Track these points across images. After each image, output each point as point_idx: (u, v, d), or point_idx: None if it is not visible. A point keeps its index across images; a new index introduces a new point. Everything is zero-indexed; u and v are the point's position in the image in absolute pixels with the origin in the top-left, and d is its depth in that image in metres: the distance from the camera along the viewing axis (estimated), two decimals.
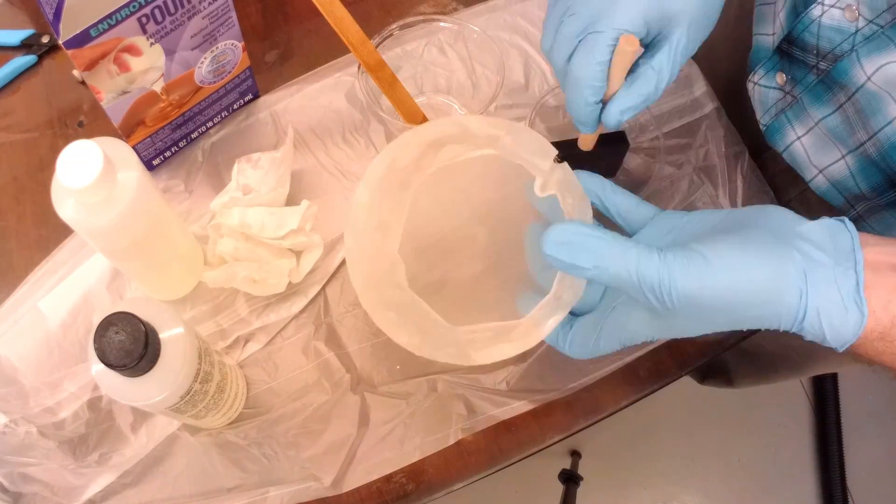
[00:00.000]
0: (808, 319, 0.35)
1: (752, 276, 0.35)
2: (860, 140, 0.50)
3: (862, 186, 0.53)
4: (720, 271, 0.35)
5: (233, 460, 0.54)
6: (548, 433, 0.56)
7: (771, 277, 0.35)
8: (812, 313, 0.35)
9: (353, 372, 0.56)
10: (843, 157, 0.53)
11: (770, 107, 0.58)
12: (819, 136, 0.54)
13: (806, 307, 0.34)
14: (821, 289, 0.35)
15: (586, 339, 0.42)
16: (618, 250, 0.36)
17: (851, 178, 0.53)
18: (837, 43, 0.50)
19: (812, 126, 0.54)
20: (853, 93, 0.49)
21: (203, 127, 0.62)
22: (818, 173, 0.56)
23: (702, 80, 0.67)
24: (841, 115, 0.51)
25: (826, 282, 0.35)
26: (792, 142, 0.57)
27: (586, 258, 0.36)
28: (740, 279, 0.35)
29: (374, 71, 0.57)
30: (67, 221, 0.44)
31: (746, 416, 1.39)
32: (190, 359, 0.43)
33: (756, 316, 0.35)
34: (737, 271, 0.35)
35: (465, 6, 0.69)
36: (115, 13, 0.46)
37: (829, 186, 0.55)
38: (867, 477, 1.36)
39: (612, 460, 1.35)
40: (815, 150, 0.55)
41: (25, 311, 0.57)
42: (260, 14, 0.69)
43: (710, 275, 0.35)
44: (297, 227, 0.55)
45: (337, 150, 0.63)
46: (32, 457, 0.53)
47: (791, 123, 0.56)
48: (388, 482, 0.54)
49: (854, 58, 0.48)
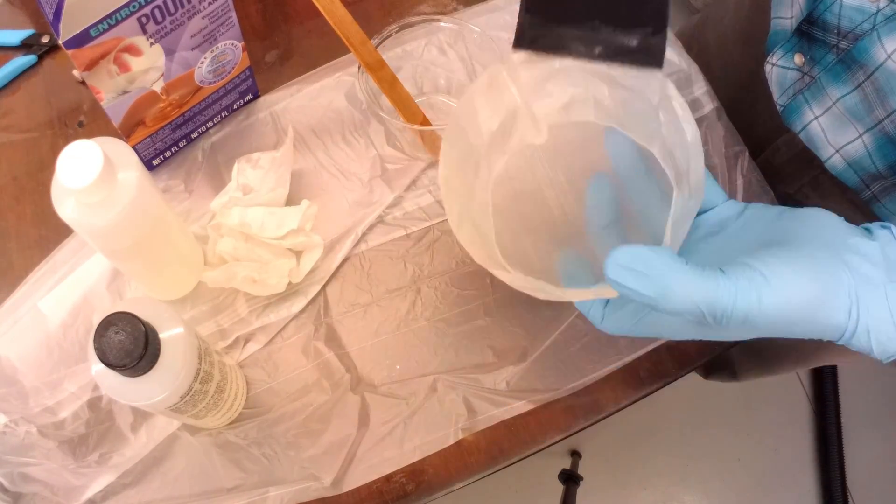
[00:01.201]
0: (857, 337, 0.35)
1: (806, 295, 0.34)
2: (878, 118, 0.51)
3: (879, 165, 0.53)
4: (778, 291, 0.34)
5: (233, 460, 0.54)
6: (548, 433, 0.56)
7: (822, 297, 0.34)
8: (861, 331, 0.35)
9: (353, 372, 0.56)
10: (861, 136, 0.53)
11: (788, 87, 0.59)
12: (836, 116, 0.54)
13: (856, 326, 0.34)
14: (871, 308, 0.35)
15: (621, 322, 0.41)
16: (684, 281, 0.34)
17: (868, 156, 0.53)
18: (858, 22, 0.50)
19: (830, 105, 0.55)
20: (872, 71, 0.50)
21: (203, 127, 0.62)
22: (835, 153, 0.56)
23: (702, 80, 0.67)
24: (860, 94, 0.52)
25: (877, 300, 0.35)
26: (809, 122, 0.57)
27: (651, 287, 0.34)
28: (795, 300, 0.34)
29: (375, 71, 0.57)
30: (67, 221, 0.44)
31: (746, 416, 1.39)
32: (190, 359, 0.43)
33: (802, 332, 0.35)
34: (792, 292, 0.34)
35: (465, 6, 0.69)
36: (115, 13, 0.46)
37: (846, 166, 0.56)
38: (867, 477, 1.36)
39: (612, 460, 1.35)
40: (832, 129, 0.55)
41: (25, 311, 0.57)
42: (260, 14, 0.69)
43: (769, 295, 0.34)
44: (297, 226, 0.56)
45: (337, 150, 0.63)
46: (32, 457, 0.53)
47: (808, 103, 0.57)
48: (388, 482, 0.54)
49: (875, 37, 0.49)
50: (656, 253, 0.35)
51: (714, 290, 0.34)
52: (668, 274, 0.34)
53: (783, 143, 0.66)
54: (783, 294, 0.34)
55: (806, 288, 0.34)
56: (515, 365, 0.57)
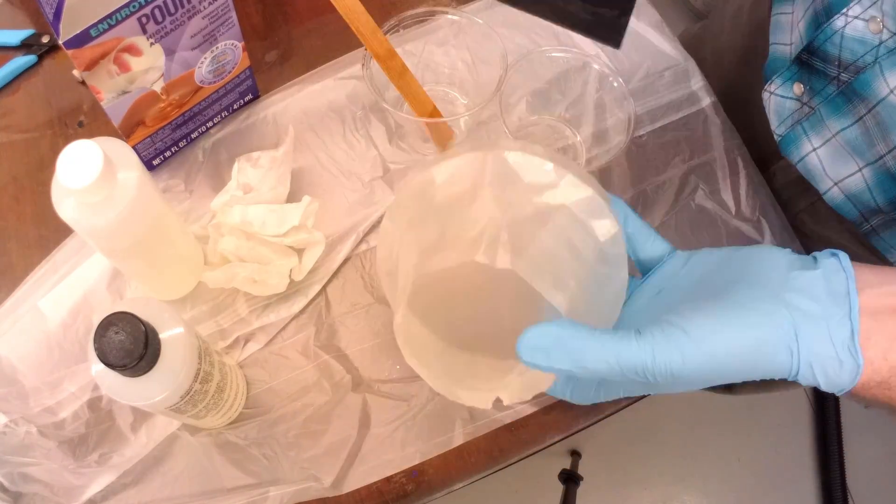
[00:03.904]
0: (802, 373, 0.34)
1: (736, 344, 0.34)
2: (879, 153, 0.50)
3: (879, 200, 0.52)
4: (702, 345, 0.34)
5: (233, 460, 0.54)
6: (548, 433, 0.56)
7: (756, 343, 0.34)
8: (805, 368, 0.34)
9: (354, 373, 0.56)
10: (860, 170, 0.52)
11: (786, 117, 0.58)
12: (836, 148, 0.53)
13: (799, 364, 0.34)
14: (813, 345, 0.34)
15: (584, 394, 0.45)
16: (595, 346, 0.35)
17: (868, 191, 0.52)
18: (860, 55, 0.49)
19: (829, 138, 0.53)
20: (874, 105, 0.48)
21: (203, 127, 0.62)
22: (833, 185, 0.55)
23: (699, 75, 0.67)
24: (860, 128, 0.50)
25: (818, 336, 0.34)
26: (807, 153, 0.56)
27: (564, 360, 0.35)
28: (722, 350, 0.34)
29: (384, 60, 0.56)
30: (67, 221, 0.44)
31: (746, 416, 1.39)
32: (190, 359, 0.43)
33: (750, 375, 0.35)
34: (718, 344, 0.34)
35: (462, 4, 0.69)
36: (115, 13, 0.46)
37: (845, 199, 0.55)
38: (867, 477, 1.36)
39: (612, 460, 1.35)
40: (831, 161, 0.54)
41: (25, 311, 0.57)
42: (260, 14, 0.69)
43: (691, 349, 0.34)
44: (299, 223, 0.55)
45: (337, 149, 0.63)
46: (32, 457, 0.53)
47: (807, 134, 0.55)
48: (388, 482, 0.54)
49: (877, 70, 0.47)
50: (561, 326, 0.35)
51: (627, 350, 0.34)
52: (580, 345, 0.35)
53: (779, 169, 0.65)
54: (708, 347, 0.34)
55: (734, 337, 0.34)
56: None
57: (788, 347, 0.34)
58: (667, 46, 0.68)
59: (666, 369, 0.34)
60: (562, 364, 0.35)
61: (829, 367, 0.34)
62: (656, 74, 0.67)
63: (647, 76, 0.67)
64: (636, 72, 0.67)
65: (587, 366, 0.35)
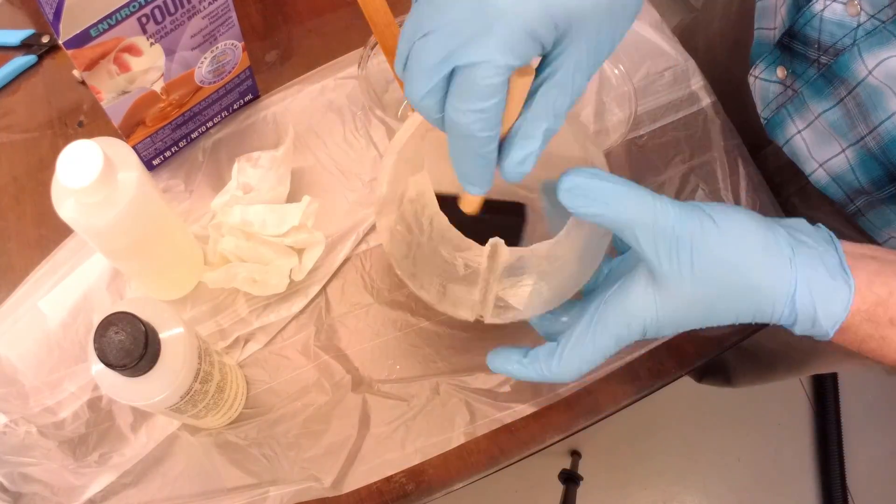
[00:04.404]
0: (799, 294, 0.35)
1: (749, 239, 0.36)
2: (860, 134, 0.50)
3: (862, 180, 0.53)
4: (723, 228, 0.36)
5: (233, 460, 0.54)
6: (548, 433, 0.56)
7: (764, 245, 0.36)
8: (802, 287, 0.35)
9: (354, 373, 0.56)
10: (844, 151, 0.53)
11: (771, 101, 0.58)
12: (819, 130, 0.54)
13: (796, 279, 0.35)
14: (808, 263, 0.36)
15: (580, 338, 0.39)
16: (635, 194, 0.36)
17: (851, 171, 0.53)
18: (839, 37, 0.50)
19: (812, 120, 0.54)
20: (854, 87, 0.49)
21: (203, 127, 0.62)
22: (818, 167, 0.56)
23: (699, 75, 0.67)
24: (841, 109, 0.51)
25: (811, 258, 0.36)
26: (792, 135, 0.57)
27: (603, 201, 0.35)
28: (739, 238, 0.36)
29: (393, 55, 0.56)
30: (67, 221, 0.44)
31: (746, 416, 1.39)
32: (190, 359, 0.43)
33: (750, 287, 0.36)
34: (736, 232, 0.36)
35: None
36: (115, 13, 0.46)
37: (830, 180, 0.55)
38: (867, 477, 1.36)
39: (612, 460, 1.35)
40: (815, 143, 0.55)
41: (25, 311, 0.57)
42: (260, 14, 0.69)
43: (713, 231, 0.36)
44: (299, 223, 0.55)
45: (337, 149, 0.63)
46: (32, 457, 0.53)
47: (792, 117, 0.56)
48: (388, 482, 0.54)
49: (855, 52, 0.48)
50: (605, 173, 0.36)
51: (664, 208, 0.35)
52: (621, 189, 0.35)
53: (770, 153, 0.65)
54: (730, 232, 0.36)
55: (750, 234, 0.36)
56: None
57: (788, 258, 0.36)
58: (667, 46, 0.68)
59: (690, 239, 0.35)
60: (595, 208, 0.35)
61: (824, 287, 0.36)
62: (656, 74, 0.67)
63: (647, 76, 0.67)
64: (636, 72, 0.67)
65: (626, 210, 0.35)
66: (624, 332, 0.38)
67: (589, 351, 0.39)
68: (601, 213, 0.35)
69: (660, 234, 0.35)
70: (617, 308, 0.38)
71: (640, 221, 0.35)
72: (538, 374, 0.41)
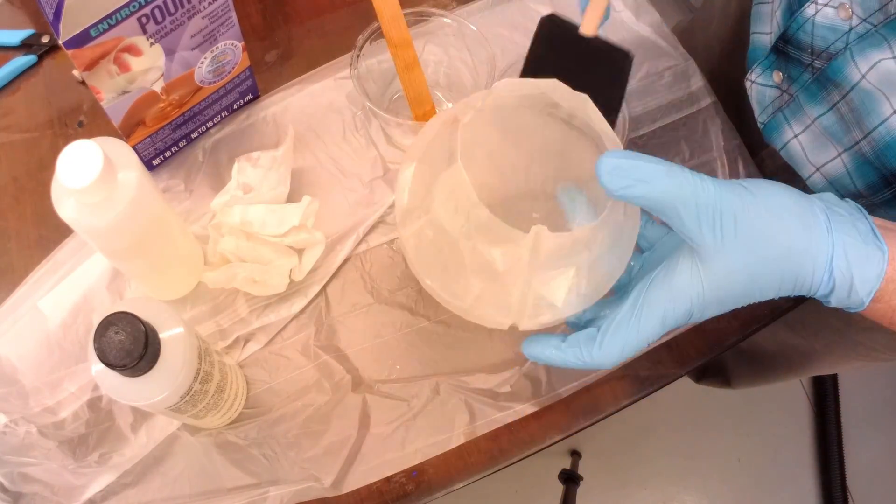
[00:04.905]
0: (836, 259, 0.36)
1: (787, 207, 0.37)
2: (855, 139, 0.51)
3: (858, 184, 0.53)
4: (760, 198, 0.36)
5: (233, 460, 0.54)
6: (548, 433, 0.56)
7: (800, 213, 0.37)
8: (839, 251, 0.36)
9: (354, 373, 0.56)
10: (840, 156, 0.53)
11: (767, 105, 0.58)
12: (815, 135, 0.54)
13: (833, 243, 0.36)
14: (842, 229, 0.36)
15: (622, 321, 0.39)
16: (675, 172, 0.36)
17: (848, 175, 0.53)
18: (831, 41, 0.50)
19: (808, 124, 0.54)
20: (847, 91, 0.49)
21: (203, 127, 0.62)
22: (815, 171, 0.56)
23: (699, 75, 0.67)
24: (836, 114, 0.51)
25: (844, 224, 0.37)
26: (789, 140, 0.57)
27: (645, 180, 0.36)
28: (778, 207, 0.36)
29: (398, 48, 0.56)
30: (67, 221, 0.44)
31: (746, 416, 1.39)
32: (190, 359, 0.43)
33: (791, 252, 0.36)
34: (774, 201, 0.37)
35: (462, 4, 0.69)
36: (115, 13, 0.46)
37: (826, 184, 0.56)
38: (867, 477, 1.36)
39: (612, 460, 1.35)
40: (811, 148, 0.55)
41: (25, 311, 0.57)
42: (260, 14, 0.69)
43: (753, 201, 0.36)
44: (299, 223, 0.55)
45: (337, 149, 0.63)
46: (32, 457, 0.53)
47: (788, 121, 0.56)
48: (388, 482, 0.54)
49: (848, 56, 0.48)
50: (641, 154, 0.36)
51: (702, 183, 0.36)
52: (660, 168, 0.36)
53: (768, 155, 0.66)
54: (769, 201, 0.36)
55: (788, 199, 0.37)
56: (518, 366, 0.57)
57: (825, 224, 0.36)
58: (667, 46, 0.68)
59: (730, 208, 0.36)
60: (638, 188, 0.35)
61: (858, 254, 0.36)
62: (656, 74, 0.67)
63: (647, 76, 0.67)
64: (636, 72, 0.67)
65: (667, 188, 0.35)
66: (670, 312, 0.38)
67: (633, 334, 0.39)
68: (644, 194, 0.36)
69: (702, 208, 0.36)
70: (663, 287, 0.38)
71: (682, 198, 0.36)
72: (577, 359, 0.41)
